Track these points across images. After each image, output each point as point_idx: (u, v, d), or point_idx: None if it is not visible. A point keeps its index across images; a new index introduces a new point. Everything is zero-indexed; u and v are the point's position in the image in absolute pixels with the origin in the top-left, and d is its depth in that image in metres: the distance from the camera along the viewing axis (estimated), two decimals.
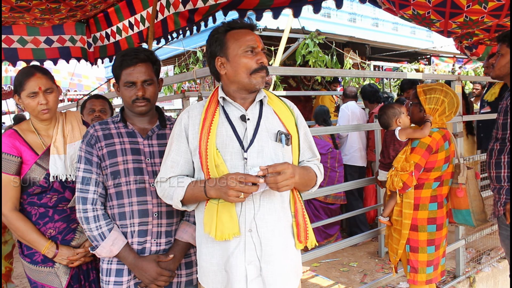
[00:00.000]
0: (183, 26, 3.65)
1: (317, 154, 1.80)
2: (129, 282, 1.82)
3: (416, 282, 2.63)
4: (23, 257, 2.02)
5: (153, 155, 1.85)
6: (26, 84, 1.92)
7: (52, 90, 1.97)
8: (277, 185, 1.48)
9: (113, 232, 1.78)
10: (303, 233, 1.67)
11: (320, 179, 1.76)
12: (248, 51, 1.61)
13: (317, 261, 4.06)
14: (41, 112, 1.95)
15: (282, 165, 1.49)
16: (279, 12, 3.25)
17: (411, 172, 2.50)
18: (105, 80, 9.63)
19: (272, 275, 1.59)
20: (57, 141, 1.99)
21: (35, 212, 1.97)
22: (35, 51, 4.24)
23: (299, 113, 1.78)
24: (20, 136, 1.97)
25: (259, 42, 1.63)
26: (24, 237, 1.94)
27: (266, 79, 3.45)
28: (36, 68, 1.98)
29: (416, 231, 2.60)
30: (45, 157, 1.96)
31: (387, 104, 2.78)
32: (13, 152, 1.92)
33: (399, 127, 2.65)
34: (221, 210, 1.56)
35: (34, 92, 1.92)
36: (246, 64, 1.60)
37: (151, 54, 1.87)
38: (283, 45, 5.79)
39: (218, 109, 1.66)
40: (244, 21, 1.68)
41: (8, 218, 1.92)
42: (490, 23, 2.98)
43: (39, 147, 1.98)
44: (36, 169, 1.94)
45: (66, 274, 1.99)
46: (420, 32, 17.49)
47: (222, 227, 1.55)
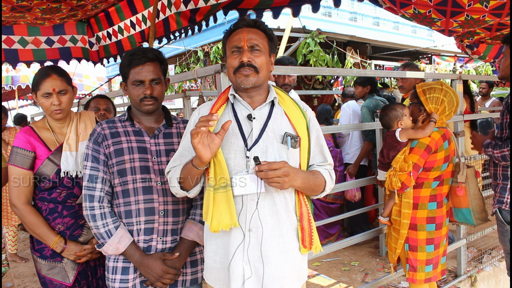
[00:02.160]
0: (185, 25, 3.66)
1: (328, 159, 1.75)
2: (135, 280, 1.83)
3: (415, 281, 2.63)
4: (33, 251, 2.10)
5: (160, 154, 1.86)
6: (42, 84, 2.01)
7: (66, 91, 2.05)
8: (267, 180, 1.48)
9: (119, 230, 1.79)
10: (308, 238, 1.66)
11: (330, 185, 1.71)
12: (234, 51, 1.62)
13: (318, 260, 4.07)
14: (54, 112, 2.04)
15: (279, 163, 1.49)
16: (279, 12, 3.26)
17: (410, 172, 2.50)
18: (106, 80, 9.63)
19: (269, 277, 1.59)
20: (70, 138, 2.07)
21: (45, 208, 2.04)
22: (35, 52, 4.24)
23: (313, 116, 1.76)
24: (35, 132, 2.06)
25: (244, 40, 1.59)
26: (34, 230, 2.02)
27: (289, 79, 3.45)
28: (53, 69, 2.05)
29: (415, 230, 2.60)
30: (57, 154, 2.04)
31: (389, 105, 2.76)
32: (28, 147, 2.01)
33: (399, 128, 2.64)
34: (219, 198, 1.56)
35: (48, 93, 2.01)
36: (230, 63, 1.63)
37: (159, 53, 1.89)
38: (284, 44, 5.80)
39: (225, 106, 1.67)
40: (242, 20, 1.67)
41: (21, 211, 2.01)
42: (492, 22, 2.97)
43: (53, 143, 2.07)
44: (48, 164, 2.02)
45: (74, 269, 2.06)
46: (421, 31, 17.49)
47: (220, 216, 1.55)
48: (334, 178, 1.74)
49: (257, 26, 1.65)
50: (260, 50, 1.61)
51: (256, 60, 1.60)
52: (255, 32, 1.63)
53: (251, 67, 1.59)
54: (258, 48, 1.61)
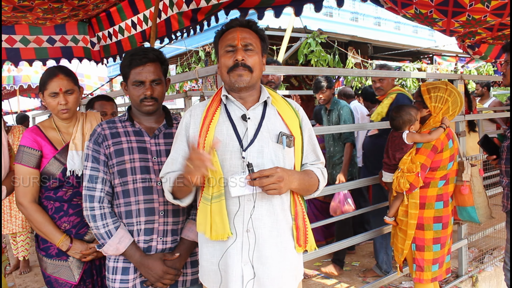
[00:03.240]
0: (187, 25, 3.67)
1: (321, 158, 1.78)
2: (135, 280, 1.83)
3: (422, 281, 2.63)
4: (39, 250, 2.11)
5: (160, 154, 1.86)
6: (49, 84, 2.04)
7: (73, 91, 2.08)
8: (263, 187, 1.49)
9: (119, 230, 1.79)
10: (302, 236, 1.67)
11: (323, 184, 1.74)
12: (228, 50, 1.61)
13: (319, 260, 4.06)
14: (60, 112, 2.07)
15: (270, 169, 1.50)
16: (281, 11, 3.25)
17: (418, 173, 2.49)
18: (107, 79, 9.63)
19: (268, 277, 1.59)
20: (76, 138, 2.10)
21: (51, 207, 2.06)
22: (37, 51, 4.25)
23: (305, 115, 1.76)
24: (42, 132, 2.09)
25: (238, 39, 1.59)
26: (40, 229, 2.03)
27: (273, 77, 3.42)
28: (60, 69, 2.09)
29: (422, 230, 2.60)
30: (63, 153, 2.07)
31: (404, 108, 2.67)
32: (34, 146, 2.04)
33: (407, 131, 2.63)
34: (214, 210, 1.57)
35: (55, 93, 2.04)
36: (224, 63, 1.62)
37: (160, 54, 1.89)
38: (285, 44, 5.80)
39: (220, 108, 1.67)
40: (235, 20, 1.67)
41: (27, 210, 2.03)
42: (493, 22, 2.97)
43: (59, 143, 2.10)
44: (54, 163, 2.05)
45: (79, 268, 2.07)
46: (422, 31, 17.47)
47: (216, 227, 1.57)
48: (326, 176, 1.76)
49: (249, 26, 1.65)
50: (253, 50, 1.62)
51: (250, 59, 1.60)
52: (248, 32, 1.63)
53: (245, 67, 1.59)
54: (252, 47, 1.61)
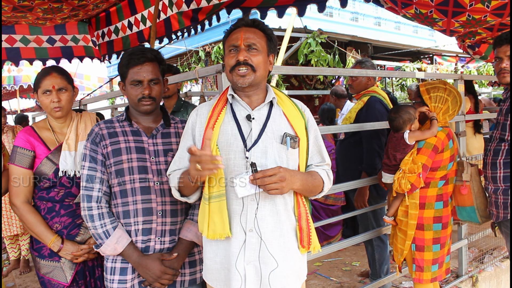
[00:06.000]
0: (187, 25, 3.65)
1: (326, 159, 1.76)
2: (133, 281, 1.83)
3: (421, 281, 2.63)
4: (32, 251, 2.11)
5: (158, 154, 1.86)
6: (42, 82, 2.05)
7: (66, 89, 2.08)
8: (265, 187, 1.49)
9: (117, 230, 1.79)
10: (306, 238, 1.67)
11: (328, 186, 1.72)
12: (231, 50, 1.63)
13: (319, 260, 4.06)
14: (53, 110, 2.06)
15: (273, 169, 1.50)
16: (284, 11, 3.24)
17: (419, 173, 2.49)
18: (107, 80, 9.63)
19: (270, 277, 1.59)
20: (70, 138, 2.10)
21: (43, 207, 2.06)
22: (37, 50, 4.25)
23: (311, 116, 1.76)
24: (35, 132, 2.10)
25: (241, 39, 1.60)
26: (33, 229, 2.03)
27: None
28: (54, 68, 2.10)
29: (422, 230, 2.59)
30: (56, 153, 2.07)
31: (402, 108, 2.67)
32: (27, 146, 2.04)
33: (408, 130, 2.62)
34: (213, 209, 1.58)
35: (48, 90, 2.04)
36: (227, 62, 1.64)
37: (158, 53, 1.89)
38: (285, 44, 5.79)
39: (226, 108, 1.67)
40: (241, 20, 1.67)
41: (20, 210, 2.03)
42: (493, 22, 2.96)
43: (53, 143, 2.09)
44: (47, 163, 2.04)
45: (72, 269, 2.06)
46: (422, 31, 17.45)
47: (214, 227, 1.57)
48: (331, 178, 1.75)
49: (255, 26, 1.65)
50: (257, 49, 1.61)
51: (253, 59, 1.60)
52: (253, 31, 1.63)
53: (247, 65, 1.59)
54: (256, 47, 1.61)
